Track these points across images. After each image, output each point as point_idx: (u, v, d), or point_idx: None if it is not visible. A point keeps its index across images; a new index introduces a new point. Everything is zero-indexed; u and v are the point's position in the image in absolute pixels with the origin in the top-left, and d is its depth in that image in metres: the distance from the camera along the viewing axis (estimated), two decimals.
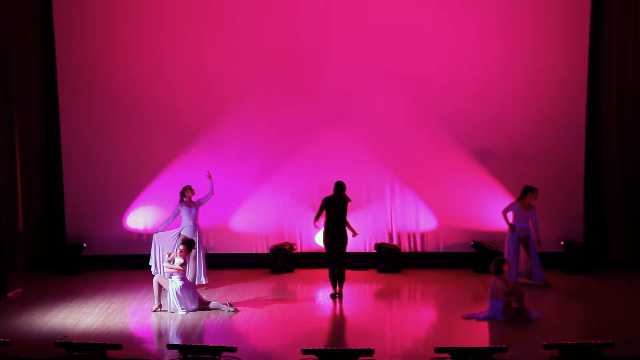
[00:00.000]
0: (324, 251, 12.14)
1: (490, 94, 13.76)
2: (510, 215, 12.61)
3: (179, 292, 10.96)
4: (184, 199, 12.39)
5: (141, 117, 13.84)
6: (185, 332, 10.16)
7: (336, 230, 11.84)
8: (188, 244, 11.32)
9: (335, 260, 11.87)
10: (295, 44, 13.72)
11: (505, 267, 10.66)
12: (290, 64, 13.76)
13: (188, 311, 10.94)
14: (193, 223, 12.31)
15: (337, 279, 11.91)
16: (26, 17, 13.83)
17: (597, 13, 13.68)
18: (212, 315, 10.84)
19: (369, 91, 13.76)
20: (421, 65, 13.73)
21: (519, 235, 12.55)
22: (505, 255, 12.31)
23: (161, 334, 10.23)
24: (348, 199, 11.89)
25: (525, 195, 12.52)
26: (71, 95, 13.83)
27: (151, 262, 12.23)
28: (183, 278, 11.06)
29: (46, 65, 13.95)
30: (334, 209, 11.83)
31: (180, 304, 10.95)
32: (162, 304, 11.08)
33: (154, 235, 12.30)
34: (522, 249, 12.59)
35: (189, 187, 12.45)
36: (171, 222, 12.42)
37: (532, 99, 13.72)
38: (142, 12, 13.78)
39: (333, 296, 11.89)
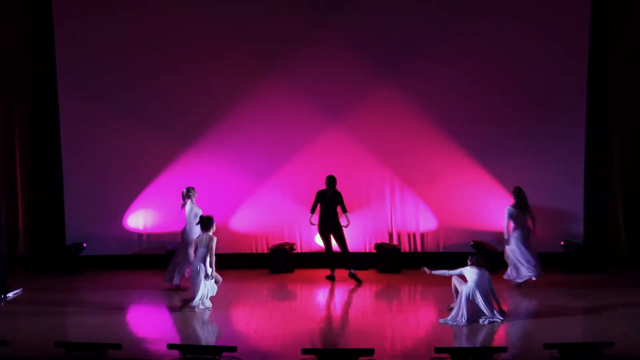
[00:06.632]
0: (324, 251, 12.22)
1: (491, 93, 13.75)
2: (511, 223, 12.44)
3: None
4: (187, 200, 12.31)
5: (141, 117, 13.83)
6: (185, 332, 10.15)
7: (328, 222, 12.79)
8: (202, 221, 11.11)
9: (331, 245, 12.89)
10: (295, 44, 13.71)
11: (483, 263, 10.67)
12: (290, 64, 13.75)
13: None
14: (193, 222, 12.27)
15: (333, 261, 12.86)
16: (26, 17, 13.84)
17: (597, 12, 13.68)
18: (213, 315, 10.83)
19: (369, 91, 13.75)
20: (421, 65, 13.73)
21: (521, 235, 12.47)
22: (505, 256, 12.34)
23: (161, 334, 10.21)
24: (339, 194, 12.69)
25: (517, 198, 12.40)
26: (71, 96, 13.83)
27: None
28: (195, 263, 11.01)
29: (46, 64, 13.95)
30: (328, 202, 12.77)
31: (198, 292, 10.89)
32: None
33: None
34: (522, 249, 12.56)
35: (193, 188, 12.40)
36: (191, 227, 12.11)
37: (532, 98, 13.71)
38: (142, 11, 13.78)
39: (329, 277, 12.70)
